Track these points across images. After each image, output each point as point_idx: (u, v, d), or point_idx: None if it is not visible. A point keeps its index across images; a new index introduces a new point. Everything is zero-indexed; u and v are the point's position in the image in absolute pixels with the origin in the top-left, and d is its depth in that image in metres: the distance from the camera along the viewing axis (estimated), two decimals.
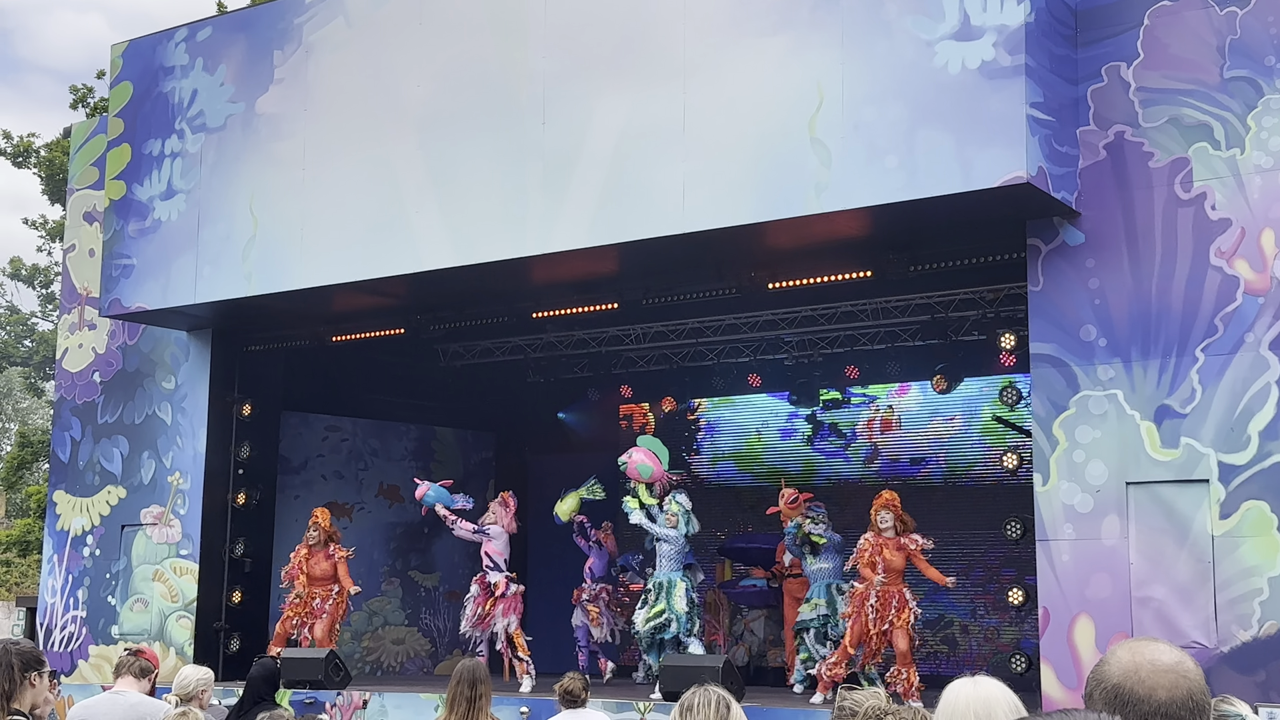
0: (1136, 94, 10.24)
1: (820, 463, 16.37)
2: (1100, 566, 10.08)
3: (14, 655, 4.64)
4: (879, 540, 11.91)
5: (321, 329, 14.95)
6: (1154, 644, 2.56)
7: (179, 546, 14.89)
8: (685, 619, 12.67)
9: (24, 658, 4.66)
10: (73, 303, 16.53)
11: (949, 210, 10.48)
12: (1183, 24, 10.12)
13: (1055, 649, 10.20)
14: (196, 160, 13.94)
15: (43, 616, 16.12)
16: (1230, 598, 9.63)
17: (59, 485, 16.18)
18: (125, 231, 14.37)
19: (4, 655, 4.64)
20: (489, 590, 13.55)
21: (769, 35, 10.77)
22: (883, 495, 12.23)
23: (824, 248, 11.94)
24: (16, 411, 48.89)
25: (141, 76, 14.55)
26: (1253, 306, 9.77)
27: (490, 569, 13.62)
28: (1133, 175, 10.22)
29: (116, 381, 15.77)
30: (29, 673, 4.65)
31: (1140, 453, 10.04)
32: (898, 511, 12.03)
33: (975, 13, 9.90)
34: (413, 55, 12.65)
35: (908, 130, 10.08)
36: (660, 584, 12.86)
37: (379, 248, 12.65)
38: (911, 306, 13.20)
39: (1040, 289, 10.57)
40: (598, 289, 13.59)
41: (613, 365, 15.96)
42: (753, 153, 10.73)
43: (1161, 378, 10.02)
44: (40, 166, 28.70)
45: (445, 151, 12.33)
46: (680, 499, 13.02)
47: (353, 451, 16.97)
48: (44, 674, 4.71)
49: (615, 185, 11.38)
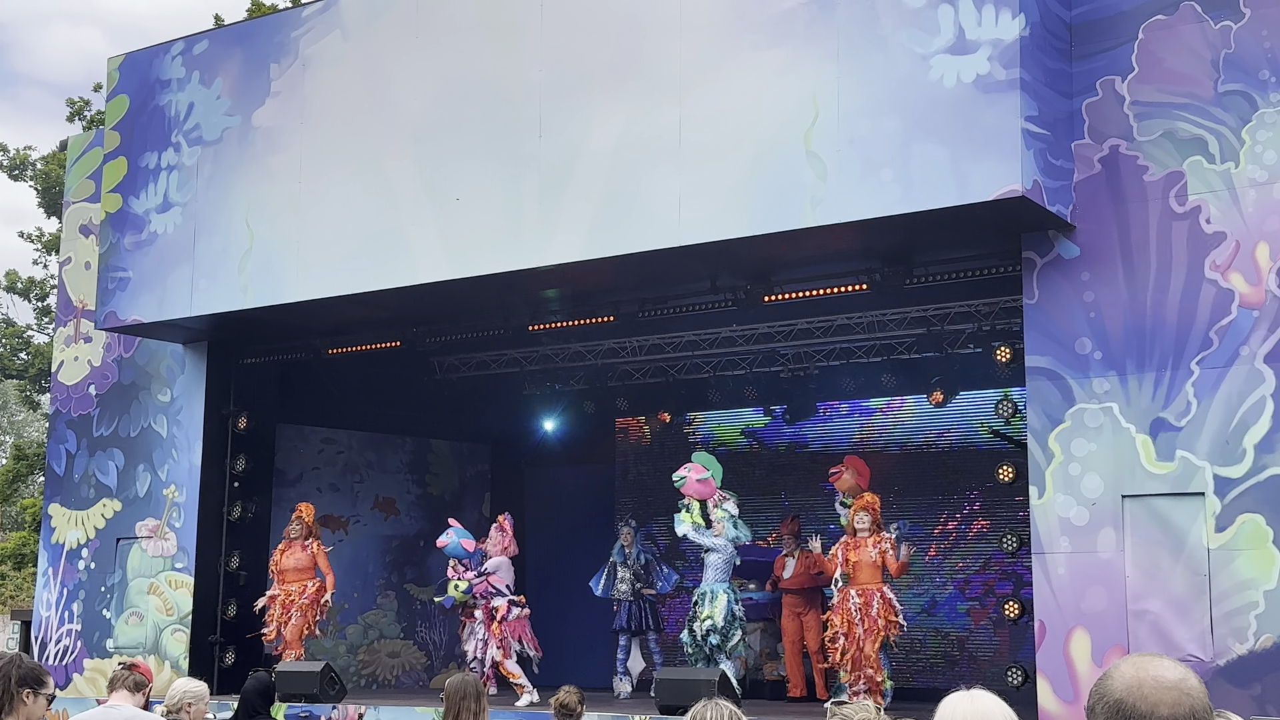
0: (1131, 108, 10.26)
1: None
2: (1096, 579, 10.08)
3: (14, 669, 4.62)
4: (853, 541, 12.10)
5: (317, 341, 14.94)
6: (1158, 660, 2.56)
7: (174, 559, 14.87)
8: (721, 632, 12.45)
9: (23, 673, 4.63)
10: (68, 315, 16.52)
11: (944, 223, 10.51)
12: (1177, 38, 10.15)
13: (1051, 662, 10.19)
14: (193, 173, 13.95)
15: (37, 630, 16.08)
16: (1226, 611, 9.63)
17: (54, 498, 16.15)
18: (121, 244, 14.37)
19: (6, 666, 4.62)
20: (491, 614, 13.50)
21: (765, 49, 10.80)
22: (864, 498, 12.35)
23: (819, 261, 11.96)
24: (12, 424, 48.85)
25: (138, 90, 14.56)
26: (1247, 320, 9.78)
27: (494, 594, 13.55)
28: (1127, 189, 10.24)
29: (112, 394, 15.75)
30: (24, 689, 4.61)
31: (1136, 466, 10.05)
32: (876, 515, 12.18)
33: (970, 27, 9.93)
34: (409, 69, 12.68)
35: (903, 143, 10.10)
36: (704, 594, 12.68)
37: (375, 260, 12.66)
38: (907, 320, 13.21)
39: (1035, 302, 10.59)
40: (594, 302, 13.61)
41: (608, 378, 15.96)
42: (748, 166, 10.75)
43: (1157, 391, 10.04)
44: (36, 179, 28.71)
45: (441, 164, 12.35)
46: (727, 506, 12.83)
47: (348, 464, 16.95)
48: (40, 694, 4.66)
49: (611, 198, 11.40)
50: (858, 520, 12.19)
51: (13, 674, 4.60)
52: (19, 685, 4.60)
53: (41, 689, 4.69)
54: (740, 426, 16.98)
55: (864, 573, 12.03)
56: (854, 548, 12.14)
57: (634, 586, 14.76)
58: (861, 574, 12.03)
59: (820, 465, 14.90)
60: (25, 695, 4.61)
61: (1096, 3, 10.45)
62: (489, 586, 13.57)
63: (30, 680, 4.64)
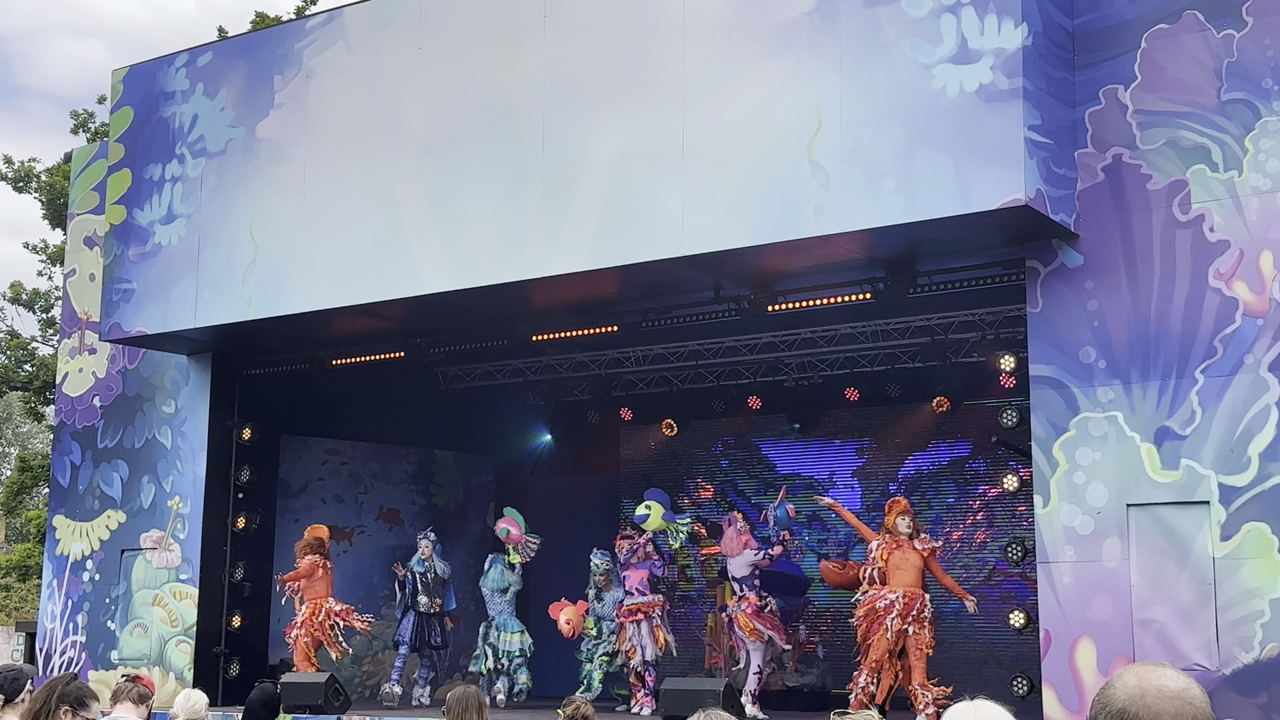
0: (1134, 116, 10.26)
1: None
2: (1101, 588, 10.06)
3: (60, 684, 4.79)
4: (895, 540, 11.93)
5: (321, 352, 14.95)
6: (1161, 669, 2.55)
7: (179, 571, 14.86)
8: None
9: (67, 691, 4.78)
10: (73, 327, 16.54)
11: (948, 232, 10.51)
12: (1180, 47, 10.15)
13: (1057, 671, 10.17)
14: (197, 185, 13.97)
15: (42, 641, 16.08)
16: (1231, 620, 9.61)
17: (59, 510, 16.16)
18: (126, 256, 14.39)
19: (54, 682, 4.78)
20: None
21: (768, 59, 10.81)
22: (900, 501, 12.25)
23: (823, 270, 11.96)
24: (16, 436, 48.89)
25: (142, 102, 14.59)
26: (1252, 328, 9.78)
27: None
28: (1131, 197, 10.24)
29: (116, 406, 15.76)
30: (63, 706, 4.73)
31: (1140, 474, 10.03)
32: (913, 516, 12.11)
33: (973, 36, 9.93)
34: (413, 79, 12.70)
35: (906, 153, 10.11)
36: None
37: (379, 271, 12.67)
38: (911, 328, 13.21)
39: (1039, 311, 10.58)
40: (597, 312, 13.61)
41: (612, 388, 15.96)
42: (752, 175, 10.76)
43: (1161, 399, 10.02)
44: (41, 191, 28.75)
45: (445, 175, 12.36)
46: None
47: (353, 475, 16.95)
48: (80, 715, 4.75)
49: (615, 208, 11.41)
50: (899, 524, 11.96)
51: (57, 688, 4.73)
52: (60, 700, 4.70)
53: (82, 710, 4.78)
54: None
55: (914, 577, 11.86)
56: (900, 548, 11.91)
57: (430, 600, 14.85)
58: (904, 577, 11.85)
59: None
60: (63, 712, 4.71)
61: (1099, 12, 10.46)
62: None
63: (72, 699, 4.75)
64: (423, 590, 14.80)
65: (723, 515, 14.26)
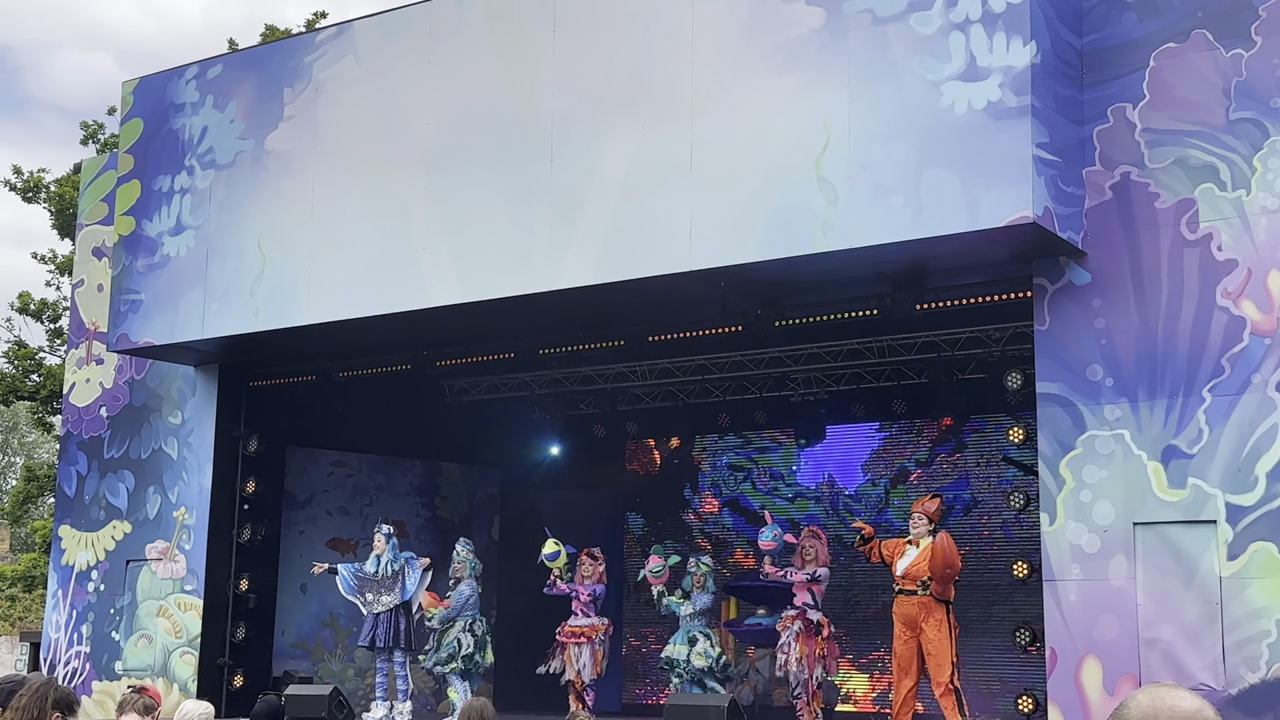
0: (1142, 135, 10.27)
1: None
2: (1108, 607, 10.04)
3: (51, 690, 4.92)
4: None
5: (328, 364, 14.96)
6: (1175, 690, 2.55)
7: (184, 582, 14.87)
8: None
9: (59, 696, 4.93)
10: (80, 337, 16.57)
11: (955, 249, 10.51)
12: (1188, 66, 10.16)
13: (1063, 690, 10.14)
14: (206, 196, 14.00)
15: (47, 652, 16.08)
16: (1238, 639, 9.58)
17: (64, 520, 16.17)
18: (134, 267, 14.42)
19: (43, 687, 4.90)
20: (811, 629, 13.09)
21: (776, 75, 10.83)
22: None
23: (830, 286, 11.96)
24: (23, 445, 48.94)
25: (152, 113, 14.63)
26: (1259, 347, 9.77)
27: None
28: (1139, 216, 10.24)
29: (123, 416, 15.78)
30: (56, 712, 4.87)
31: (1147, 493, 10.01)
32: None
33: (981, 54, 9.95)
34: (422, 93, 12.72)
35: (914, 170, 10.12)
36: None
37: (386, 284, 12.68)
38: (918, 345, 13.20)
39: (1047, 328, 10.57)
40: (604, 326, 13.61)
41: (619, 402, 15.96)
42: (759, 191, 10.77)
43: (1168, 418, 10.01)
44: (50, 202, 28.79)
45: (453, 188, 12.38)
46: None
47: (358, 487, 16.94)
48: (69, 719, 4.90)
49: (622, 223, 11.42)
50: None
51: (49, 694, 4.87)
52: (53, 707, 4.85)
53: (71, 715, 4.94)
54: None
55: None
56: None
57: (378, 597, 13.85)
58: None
59: None
60: (56, 718, 4.85)
61: (1108, 30, 10.47)
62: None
63: (63, 704, 4.89)
64: (369, 588, 13.85)
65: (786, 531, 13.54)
